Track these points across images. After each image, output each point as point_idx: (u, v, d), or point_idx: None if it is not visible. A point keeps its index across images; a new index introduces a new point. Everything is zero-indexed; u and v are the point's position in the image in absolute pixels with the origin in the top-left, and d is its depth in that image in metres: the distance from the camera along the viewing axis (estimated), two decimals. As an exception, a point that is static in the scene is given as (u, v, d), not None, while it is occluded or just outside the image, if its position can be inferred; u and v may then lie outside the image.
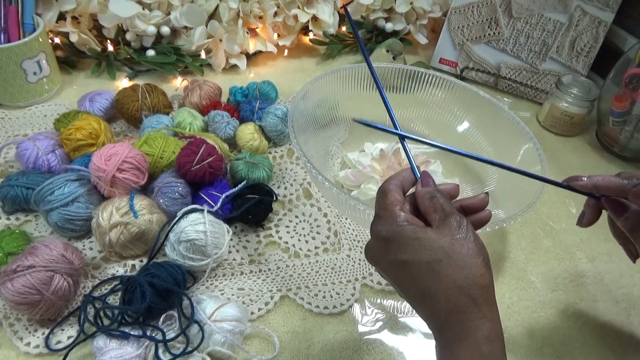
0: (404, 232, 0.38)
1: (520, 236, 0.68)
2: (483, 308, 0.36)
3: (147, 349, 0.48)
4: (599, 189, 0.47)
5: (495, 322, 0.37)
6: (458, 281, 0.36)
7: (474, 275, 0.36)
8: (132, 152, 0.58)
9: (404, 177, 0.43)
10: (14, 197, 0.58)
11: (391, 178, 0.43)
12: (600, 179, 0.46)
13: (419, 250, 0.37)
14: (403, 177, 0.43)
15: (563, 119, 0.85)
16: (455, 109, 0.74)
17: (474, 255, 0.37)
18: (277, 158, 0.74)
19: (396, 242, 0.39)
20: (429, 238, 0.38)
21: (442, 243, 0.37)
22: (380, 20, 0.99)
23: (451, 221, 0.38)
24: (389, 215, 0.40)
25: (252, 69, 0.94)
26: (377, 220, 0.41)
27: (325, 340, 0.53)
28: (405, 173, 0.44)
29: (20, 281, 0.47)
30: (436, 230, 0.38)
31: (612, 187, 0.46)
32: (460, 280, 0.36)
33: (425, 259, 0.37)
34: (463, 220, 0.39)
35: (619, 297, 0.62)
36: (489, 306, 0.37)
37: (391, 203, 0.40)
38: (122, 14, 0.81)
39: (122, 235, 0.54)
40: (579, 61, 0.90)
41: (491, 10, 0.91)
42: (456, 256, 0.37)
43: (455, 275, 0.36)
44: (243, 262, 0.59)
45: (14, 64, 0.72)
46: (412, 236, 0.38)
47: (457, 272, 0.36)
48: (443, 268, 0.36)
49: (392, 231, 0.39)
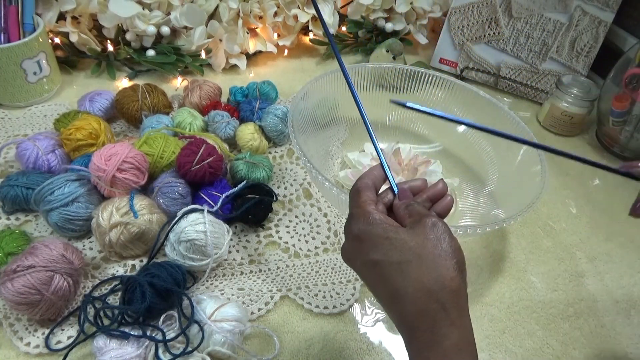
0: (375, 230, 0.37)
1: (520, 236, 0.68)
2: (452, 314, 0.35)
3: (147, 349, 0.48)
4: None
5: (465, 329, 0.36)
6: (427, 284, 0.35)
7: (443, 278, 0.35)
8: (132, 152, 0.58)
9: (375, 175, 0.42)
10: (14, 197, 0.58)
11: (362, 177, 0.42)
12: None
13: (390, 250, 0.36)
14: (374, 175, 0.42)
15: (563, 119, 0.85)
16: (455, 109, 0.74)
17: (446, 257, 0.36)
18: (277, 158, 0.74)
19: (367, 241, 0.38)
20: (399, 238, 0.37)
21: (413, 244, 0.36)
22: (380, 20, 0.99)
23: (425, 222, 0.37)
24: (361, 213, 0.39)
25: (252, 69, 0.94)
26: (349, 219, 0.40)
27: (325, 340, 0.53)
28: (376, 171, 0.43)
29: (20, 281, 0.47)
30: (409, 230, 0.37)
31: None
32: (429, 283, 0.35)
33: (395, 259, 0.36)
34: (438, 222, 0.37)
35: (619, 297, 0.62)
36: (459, 312, 0.35)
37: (364, 202, 0.40)
38: (122, 14, 0.81)
39: (122, 235, 0.54)
40: (579, 61, 0.90)
41: (491, 10, 0.91)
42: (427, 257, 0.35)
43: (424, 277, 0.35)
44: (243, 262, 0.59)
45: (14, 64, 0.72)
46: (383, 235, 0.37)
47: (427, 274, 0.35)
48: (412, 269, 0.35)
49: (364, 230, 0.38)
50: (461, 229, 0.52)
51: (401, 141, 0.73)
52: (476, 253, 0.65)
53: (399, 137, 0.76)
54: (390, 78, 0.74)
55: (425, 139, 0.77)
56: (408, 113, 0.77)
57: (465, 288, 0.37)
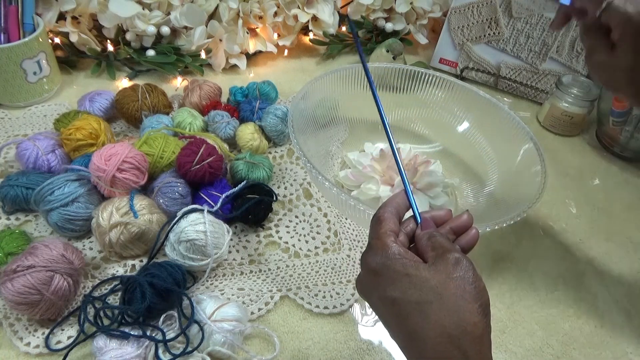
0: (393, 266, 0.35)
1: (520, 236, 0.68)
2: None
3: (147, 349, 0.48)
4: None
5: None
6: (448, 328, 0.32)
7: (466, 323, 0.32)
8: (132, 152, 0.58)
9: (398, 202, 0.40)
10: (14, 197, 0.58)
11: (386, 204, 0.40)
12: None
13: (409, 288, 0.34)
14: (398, 203, 0.40)
15: (563, 119, 0.85)
16: (455, 109, 0.74)
17: (470, 300, 0.33)
18: (277, 158, 0.74)
19: (385, 276, 0.35)
20: (420, 276, 0.34)
21: (435, 282, 0.34)
22: (380, 20, 0.99)
23: (448, 258, 0.35)
24: (380, 245, 0.37)
25: (252, 69, 0.94)
26: (368, 250, 0.38)
27: (325, 340, 0.53)
28: (399, 198, 0.41)
29: (20, 281, 0.47)
30: (430, 267, 0.35)
31: None
32: (450, 328, 0.32)
33: (414, 298, 0.34)
34: (462, 259, 0.35)
35: (619, 297, 0.62)
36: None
37: (384, 233, 0.37)
38: (122, 14, 0.81)
39: (122, 235, 0.54)
40: (579, 61, 0.90)
41: (491, 10, 0.91)
42: (449, 299, 0.33)
43: (445, 320, 0.33)
44: (243, 262, 0.59)
45: (14, 64, 0.72)
46: (402, 271, 0.35)
47: (448, 318, 0.33)
48: (433, 311, 0.33)
49: (382, 264, 0.36)
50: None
51: (401, 141, 0.73)
52: (476, 253, 0.64)
53: (399, 137, 0.76)
54: (390, 78, 0.74)
55: (425, 139, 0.77)
56: (408, 113, 0.77)
57: (489, 333, 0.34)
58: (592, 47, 0.49)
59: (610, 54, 0.47)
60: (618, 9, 0.45)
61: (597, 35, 0.48)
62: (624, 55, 0.46)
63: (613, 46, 0.47)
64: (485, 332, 0.33)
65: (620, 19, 0.45)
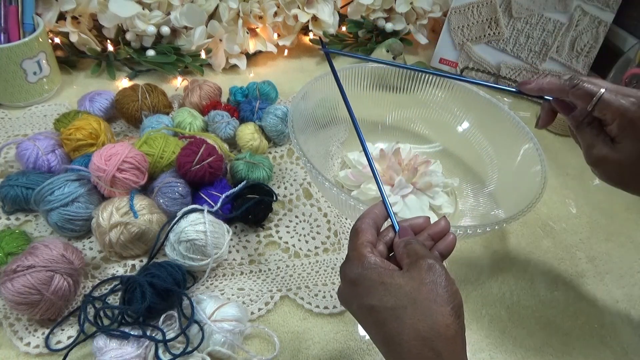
0: (370, 275, 0.37)
1: (520, 236, 0.68)
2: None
3: (147, 349, 0.48)
4: (544, 92, 0.48)
5: None
6: (422, 331, 0.34)
7: (439, 325, 0.34)
8: (132, 152, 0.58)
9: (376, 213, 0.42)
10: (14, 197, 0.58)
11: (363, 216, 0.42)
12: (545, 81, 0.48)
13: (385, 295, 0.36)
14: (375, 214, 0.42)
15: (563, 119, 0.84)
16: (455, 109, 0.74)
17: (442, 303, 0.35)
18: (277, 158, 0.74)
19: (362, 286, 0.37)
20: (394, 283, 0.36)
21: (409, 288, 0.35)
22: (380, 20, 0.99)
23: (421, 264, 0.36)
24: (357, 257, 0.38)
25: (252, 69, 0.94)
26: (345, 262, 0.40)
27: (325, 340, 0.53)
28: (377, 209, 0.42)
29: (20, 281, 0.47)
30: (405, 274, 0.36)
31: (554, 89, 0.48)
32: (424, 331, 0.34)
33: (390, 305, 0.35)
34: (435, 265, 0.36)
35: (619, 297, 0.62)
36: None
37: (361, 244, 0.39)
38: (122, 14, 0.81)
39: (122, 235, 0.54)
40: (579, 61, 0.90)
41: (491, 10, 0.91)
42: (422, 303, 0.35)
43: (419, 324, 0.34)
44: (243, 262, 0.59)
45: (14, 64, 0.72)
46: (378, 280, 0.36)
47: (421, 321, 0.34)
48: (407, 316, 0.34)
49: (359, 274, 0.37)
50: (461, 229, 0.52)
51: (401, 141, 0.73)
52: (476, 253, 0.65)
53: (399, 137, 0.76)
54: (390, 78, 0.74)
55: (425, 139, 0.77)
56: (408, 113, 0.77)
57: (462, 333, 0.35)
58: (589, 143, 0.47)
59: (612, 148, 0.46)
60: (612, 103, 0.44)
61: (592, 130, 0.47)
62: (626, 149, 0.45)
63: (612, 140, 0.46)
64: (458, 333, 0.35)
65: (616, 113, 0.44)
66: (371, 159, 0.48)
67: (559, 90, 0.47)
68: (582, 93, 0.45)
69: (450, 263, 0.63)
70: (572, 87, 0.46)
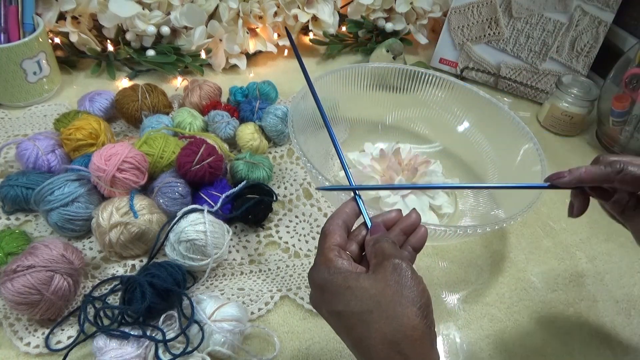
0: (335, 280, 0.36)
1: (520, 236, 0.68)
2: None
3: (147, 349, 0.48)
4: (584, 182, 0.44)
5: None
6: (389, 335, 0.33)
7: (405, 327, 0.33)
8: (132, 152, 0.58)
9: (347, 212, 0.41)
10: (14, 197, 0.58)
11: (332, 216, 0.40)
12: (583, 171, 0.44)
13: (351, 300, 0.35)
14: (346, 213, 0.40)
15: (563, 119, 0.85)
16: (455, 109, 0.74)
17: (408, 304, 0.34)
18: (277, 158, 0.74)
19: (329, 291, 0.36)
20: (360, 286, 0.35)
21: (374, 291, 0.34)
22: (380, 20, 0.99)
23: (386, 265, 0.36)
24: (323, 261, 0.38)
25: (252, 69, 0.94)
26: (313, 267, 0.39)
27: (325, 340, 0.53)
28: (348, 207, 0.41)
29: (20, 281, 0.47)
30: (370, 276, 0.36)
31: (597, 178, 0.44)
32: (390, 334, 0.33)
33: (356, 309, 0.35)
34: (401, 264, 0.36)
35: (619, 297, 0.62)
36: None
37: (328, 247, 0.38)
38: (122, 14, 0.81)
39: (122, 235, 0.54)
40: (579, 61, 0.90)
41: (491, 10, 0.91)
42: (387, 306, 0.34)
43: (385, 328, 0.33)
44: (243, 262, 0.59)
45: (14, 64, 0.72)
46: (344, 285, 0.35)
47: (387, 325, 0.33)
48: (373, 320, 0.34)
49: (324, 279, 0.37)
50: (461, 229, 0.52)
51: (401, 141, 0.73)
52: (476, 253, 0.65)
53: (399, 137, 0.76)
54: (390, 78, 0.74)
55: (425, 139, 0.77)
56: (408, 113, 0.77)
57: (430, 332, 0.35)
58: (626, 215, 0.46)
59: None
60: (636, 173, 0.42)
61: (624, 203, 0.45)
62: None
63: None
64: (426, 333, 0.34)
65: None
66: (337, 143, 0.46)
67: (603, 179, 0.43)
68: (631, 178, 0.42)
69: (450, 263, 0.63)
70: (617, 173, 0.42)
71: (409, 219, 0.41)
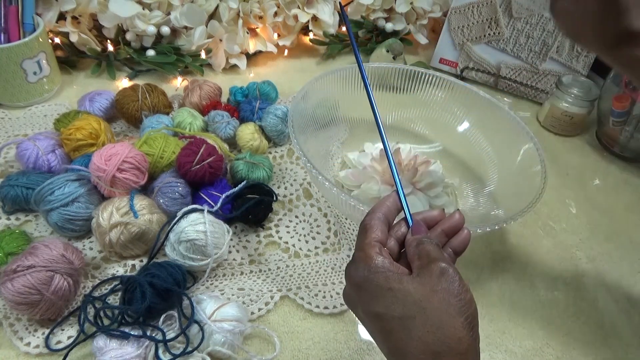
0: (376, 280, 0.34)
1: (520, 236, 0.68)
2: None
3: (147, 349, 0.48)
4: None
5: None
6: (431, 345, 0.31)
7: (450, 339, 0.31)
8: (132, 152, 0.58)
9: (388, 206, 0.38)
10: (14, 197, 0.58)
11: (374, 210, 0.38)
12: None
13: (392, 302, 0.33)
14: (387, 207, 0.38)
15: (563, 119, 0.85)
16: (455, 109, 0.74)
17: (455, 314, 0.32)
18: (277, 158, 0.74)
19: (368, 290, 0.34)
20: (403, 289, 0.33)
21: (418, 296, 0.33)
22: (380, 20, 0.99)
23: (433, 268, 0.34)
24: (363, 258, 0.35)
25: (252, 69, 0.94)
26: (351, 263, 0.37)
27: (325, 340, 0.53)
28: (389, 201, 0.39)
29: (20, 281, 0.47)
30: (414, 279, 0.34)
31: None
32: (433, 345, 0.31)
33: (397, 313, 0.33)
34: (448, 269, 0.34)
35: (619, 297, 0.62)
36: None
37: (368, 244, 0.36)
38: (122, 14, 0.81)
39: (122, 235, 0.54)
40: (579, 61, 0.90)
41: (491, 10, 0.91)
42: (432, 313, 0.32)
43: (428, 337, 0.31)
44: (243, 262, 0.59)
45: (14, 64, 0.72)
46: (385, 286, 0.33)
47: (431, 334, 0.31)
48: (416, 327, 0.32)
49: (364, 278, 0.35)
50: (461, 229, 0.51)
51: (401, 141, 0.73)
52: (476, 253, 0.65)
53: (399, 137, 0.76)
54: (390, 78, 0.74)
55: (425, 139, 0.77)
56: (408, 113, 0.77)
57: (476, 346, 0.33)
58: None
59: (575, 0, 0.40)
60: None
61: None
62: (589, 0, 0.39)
63: None
64: (471, 347, 0.32)
65: None
66: (386, 141, 0.44)
67: None
68: None
69: (450, 263, 0.63)
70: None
71: (452, 219, 0.39)
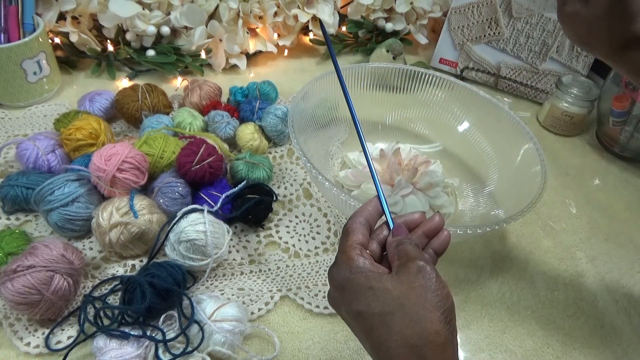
0: (357, 280, 0.35)
1: (520, 236, 0.68)
2: None
3: (147, 349, 0.48)
4: None
5: None
6: (410, 339, 0.33)
7: (427, 332, 0.33)
8: (132, 152, 0.58)
9: (369, 211, 0.40)
10: (14, 197, 0.58)
11: (355, 214, 0.40)
12: None
13: (372, 300, 0.34)
14: (369, 212, 0.40)
15: (563, 119, 0.85)
16: (455, 109, 0.74)
17: (432, 309, 0.33)
18: (277, 158, 0.74)
19: (349, 290, 0.36)
20: (382, 287, 0.34)
21: (397, 293, 0.34)
22: (380, 20, 0.99)
23: (411, 267, 0.35)
24: (345, 259, 0.37)
25: (252, 69, 0.94)
26: (334, 265, 0.38)
27: (325, 340, 0.53)
28: (371, 205, 0.40)
29: (20, 281, 0.47)
30: (393, 277, 0.35)
31: None
32: (412, 338, 0.33)
33: (377, 310, 0.34)
34: (425, 267, 0.35)
35: (619, 297, 0.62)
36: None
37: (350, 246, 0.37)
38: (122, 14, 0.81)
39: (122, 235, 0.54)
40: (579, 61, 0.90)
41: (491, 10, 0.91)
42: (410, 309, 0.33)
43: (407, 331, 0.33)
44: (243, 262, 0.59)
45: (14, 64, 0.72)
46: (365, 285, 0.35)
47: (410, 328, 0.33)
48: (395, 322, 0.33)
49: (345, 279, 0.36)
50: (461, 229, 0.52)
51: (401, 141, 0.73)
52: (476, 253, 0.65)
53: (399, 137, 0.76)
54: (390, 78, 0.74)
55: (425, 139, 0.77)
56: (408, 113, 0.77)
57: (453, 339, 0.34)
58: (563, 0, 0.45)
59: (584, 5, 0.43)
60: None
61: None
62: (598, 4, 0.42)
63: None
64: (448, 339, 0.33)
65: None
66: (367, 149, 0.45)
67: None
68: None
69: (450, 263, 0.63)
70: None
71: (432, 221, 0.40)
